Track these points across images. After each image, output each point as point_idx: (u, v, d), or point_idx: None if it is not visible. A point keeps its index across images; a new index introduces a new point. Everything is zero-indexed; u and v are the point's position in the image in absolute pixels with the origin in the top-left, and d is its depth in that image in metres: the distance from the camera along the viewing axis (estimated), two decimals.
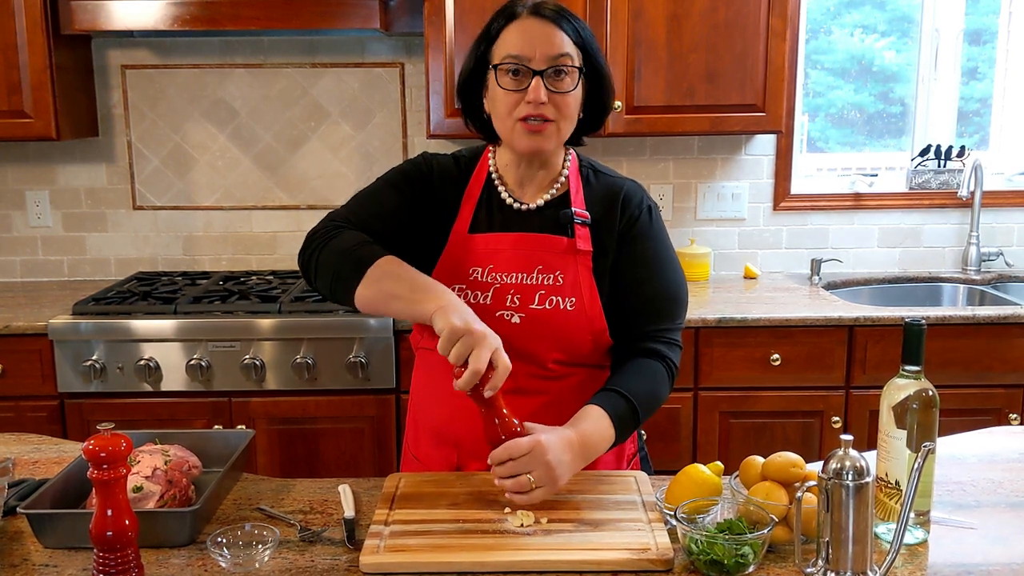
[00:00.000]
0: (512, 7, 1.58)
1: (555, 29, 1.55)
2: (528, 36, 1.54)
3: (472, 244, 1.63)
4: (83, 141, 3.24)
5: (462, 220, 1.64)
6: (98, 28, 2.81)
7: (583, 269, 1.62)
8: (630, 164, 3.27)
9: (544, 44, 1.54)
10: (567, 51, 1.55)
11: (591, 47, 1.60)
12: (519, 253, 1.62)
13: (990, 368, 2.76)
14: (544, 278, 1.61)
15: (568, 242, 1.62)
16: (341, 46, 3.22)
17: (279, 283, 3.05)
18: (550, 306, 1.60)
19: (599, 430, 1.49)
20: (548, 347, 1.61)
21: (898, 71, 3.49)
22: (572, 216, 1.62)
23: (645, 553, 1.32)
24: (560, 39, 1.55)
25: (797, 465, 1.40)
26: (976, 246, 3.27)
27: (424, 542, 1.36)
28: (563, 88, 1.55)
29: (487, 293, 1.61)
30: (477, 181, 1.67)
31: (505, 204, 1.66)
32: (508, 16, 1.58)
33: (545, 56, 1.53)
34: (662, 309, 1.64)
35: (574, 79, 1.56)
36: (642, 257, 1.64)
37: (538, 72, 1.53)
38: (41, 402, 2.72)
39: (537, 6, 1.57)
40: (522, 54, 1.53)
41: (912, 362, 1.37)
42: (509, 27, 1.57)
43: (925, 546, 1.38)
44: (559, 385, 1.64)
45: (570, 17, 1.58)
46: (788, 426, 2.78)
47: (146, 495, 1.43)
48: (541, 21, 1.55)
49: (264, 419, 2.72)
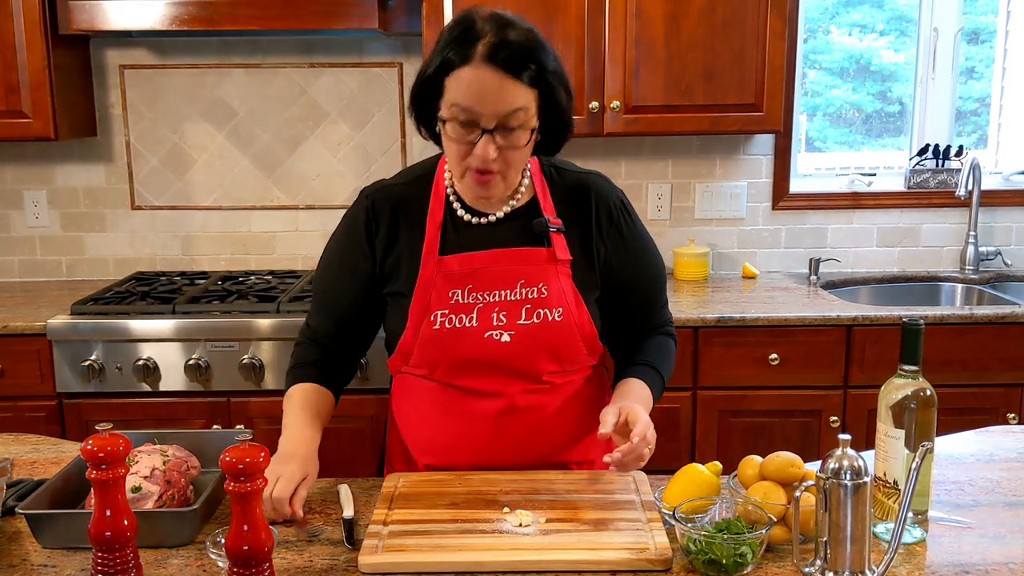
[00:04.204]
0: (467, 43, 1.43)
1: (508, 81, 1.42)
2: (479, 90, 1.42)
3: (446, 266, 1.58)
4: (81, 141, 3.24)
5: (430, 243, 1.59)
6: (96, 28, 2.81)
7: (564, 278, 1.60)
8: (629, 164, 3.27)
9: (495, 100, 1.42)
10: (519, 105, 1.44)
11: (550, 84, 1.47)
12: (499, 269, 1.58)
13: (988, 367, 2.76)
14: (528, 292, 1.58)
15: (547, 252, 1.60)
16: (339, 46, 3.22)
17: (278, 283, 3.05)
18: (539, 319, 1.57)
19: (645, 399, 1.61)
20: (542, 360, 1.60)
21: (896, 71, 3.50)
22: (547, 225, 1.59)
23: (643, 553, 1.32)
24: (513, 94, 1.43)
25: (795, 465, 1.41)
26: (974, 245, 3.27)
27: (423, 542, 1.36)
28: (514, 143, 1.47)
29: (471, 315, 1.57)
30: (437, 200, 1.61)
31: (465, 221, 1.61)
32: (462, 56, 1.43)
33: (495, 113, 1.43)
34: (657, 299, 1.74)
35: (526, 135, 1.47)
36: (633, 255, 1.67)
37: (488, 130, 1.44)
38: (39, 402, 2.72)
39: (495, 50, 1.41)
40: (472, 108, 1.43)
41: (910, 361, 1.37)
42: (462, 70, 1.43)
43: (923, 545, 1.38)
44: (552, 396, 1.63)
45: (529, 56, 1.43)
46: (786, 425, 2.78)
47: (144, 495, 1.43)
48: (494, 72, 1.41)
49: (263, 419, 2.72)
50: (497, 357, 1.57)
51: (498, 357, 1.57)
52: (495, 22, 1.45)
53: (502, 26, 1.44)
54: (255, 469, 1.18)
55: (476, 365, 1.58)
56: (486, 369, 1.58)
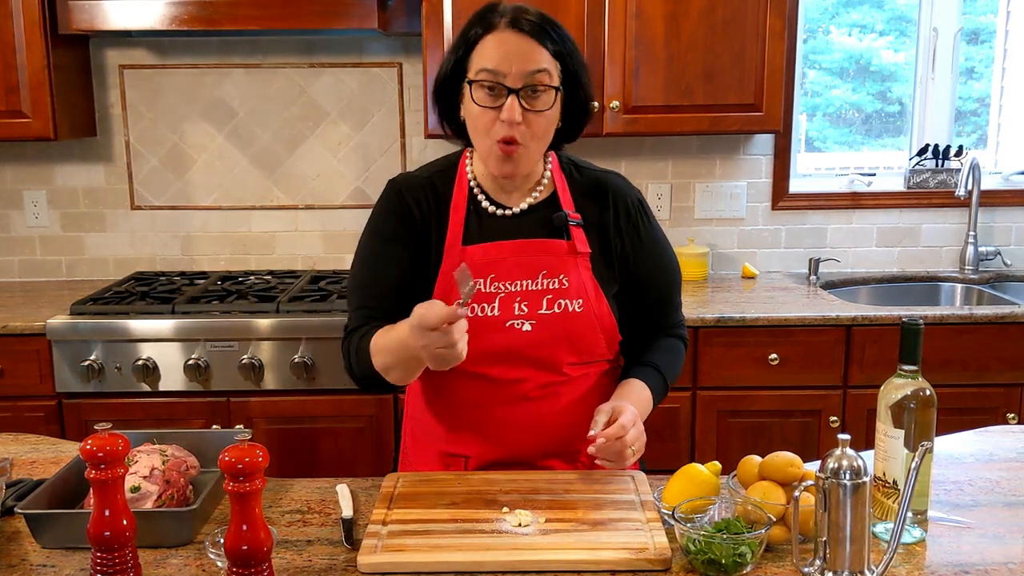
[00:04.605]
0: (490, 16, 1.54)
1: (533, 44, 1.51)
2: (504, 51, 1.51)
3: (468, 256, 1.62)
4: (81, 141, 3.24)
5: (453, 234, 1.63)
6: (96, 28, 2.81)
7: (584, 271, 1.63)
8: (628, 164, 3.27)
9: (520, 60, 1.50)
10: (544, 67, 1.52)
11: (572, 57, 1.56)
12: (521, 260, 1.62)
13: (988, 367, 2.76)
14: (549, 282, 1.61)
15: (567, 244, 1.63)
16: (339, 46, 3.22)
17: (277, 283, 3.05)
18: (559, 310, 1.61)
19: (643, 400, 1.64)
20: (562, 350, 1.62)
21: (896, 71, 3.50)
22: (567, 218, 1.63)
23: (643, 553, 1.32)
24: (538, 55, 1.51)
25: (795, 464, 1.41)
26: (974, 245, 3.27)
27: (422, 542, 1.36)
28: (538, 107, 1.53)
29: (493, 304, 1.60)
30: (460, 192, 1.66)
31: (489, 212, 1.64)
32: (486, 25, 1.53)
33: (521, 73, 1.50)
34: (672, 299, 1.77)
35: (550, 98, 1.54)
36: (650, 254, 1.69)
37: (513, 90, 1.50)
38: (39, 402, 2.72)
39: (516, 17, 1.52)
40: (498, 69, 1.50)
41: (909, 361, 1.37)
42: (487, 38, 1.53)
43: (923, 545, 1.38)
44: (570, 387, 1.65)
45: (551, 27, 1.53)
46: (786, 425, 2.78)
47: (144, 495, 1.43)
48: (518, 35, 1.51)
49: (262, 419, 2.72)
50: (518, 347, 1.60)
51: (519, 347, 1.60)
52: (516, 7, 1.55)
53: (522, 9, 1.54)
54: (254, 469, 1.18)
55: (497, 354, 1.60)
56: (507, 358, 1.61)
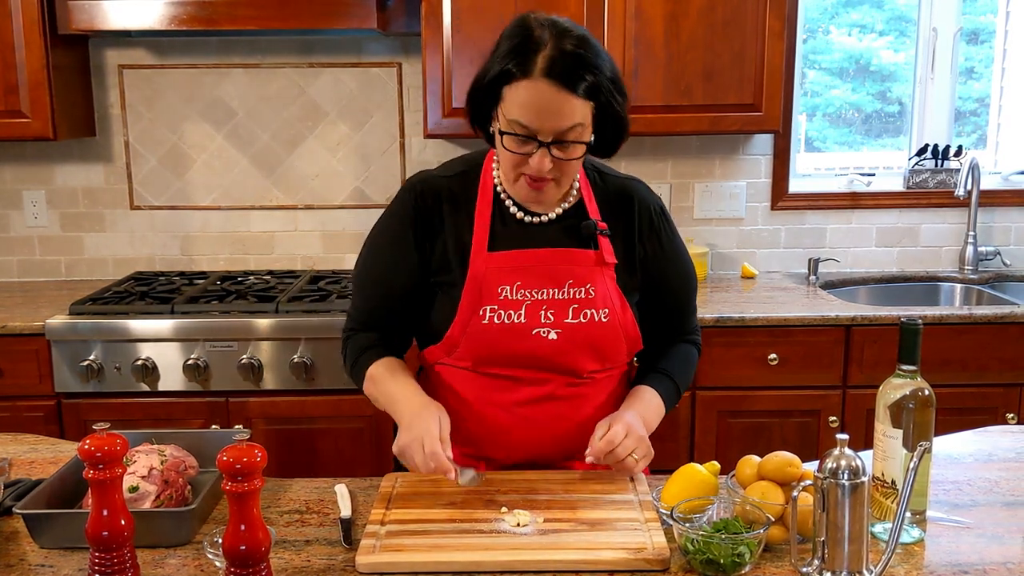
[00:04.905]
0: (527, 59, 1.45)
1: (567, 96, 1.44)
2: (537, 106, 1.45)
3: (495, 262, 1.60)
4: (80, 141, 3.24)
5: (479, 239, 1.61)
6: (95, 28, 2.80)
7: (610, 281, 1.63)
8: (628, 164, 3.27)
9: (554, 117, 1.46)
10: (576, 122, 1.47)
11: (608, 90, 1.49)
12: (549, 268, 1.61)
13: (987, 367, 2.76)
14: (576, 292, 1.61)
15: (595, 254, 1.63)
16: (338, 46, 3.22)
17: (276, 283, 3.05)
18: (585, 319, 1.60)
19: (653, 408, 1.66)
20: (586, 359, 1.63)
21: (895, 71, 3.50)
22: (595, 228, 1.62)
23: (641, 553, 1.32)
24: (571, 109, 1.45)
25: (793, 464, 1.41)
26: (973, 245, 3.27)
27: (420, 542, 1.36)
28: (568, 156, 1.50)
29: (519, 311, 1.59)
30: (485, 196, 1.64)
31: (517, 219, 1.63)
32: (523, 70, 1.45)
33: (553, 129, 1.47)
34: (689, 305, 1.78)
35: (581, 149, 1.51)
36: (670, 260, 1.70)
37: (544, 144, 1.48)
38: (38, 402, 2.71)
39: (553, 64, 1.43)
40: (530, 125, 1.47)
41: (908, 361, 1.37)
42: (521, 84, 1.45)
43: (921, 545, 1.38)
44: (594, 389, 1.67)
45: (589, 66, 1.45)
46: (785, 425, 2.78)
47: (142, 495, 1.43)
48: (554, 88, 1.43)
49: (261, 419, 2.72)
50: (543, 354, 1.60)
51: (544, 354, 1.60)
52: (552, 30, 1.46)
53: (560, 35, 1.46)
54: (253, 469, 1.18)
55: (521, 361, 1.61)
56: (530, 365, 1.61)
